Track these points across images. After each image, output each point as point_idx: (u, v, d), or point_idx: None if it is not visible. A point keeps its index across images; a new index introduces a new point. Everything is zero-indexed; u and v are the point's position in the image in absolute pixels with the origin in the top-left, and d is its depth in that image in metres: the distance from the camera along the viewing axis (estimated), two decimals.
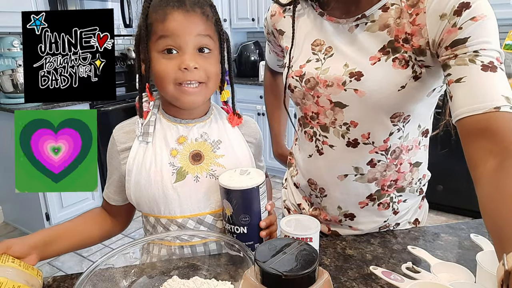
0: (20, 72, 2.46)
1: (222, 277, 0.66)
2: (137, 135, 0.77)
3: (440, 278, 0.64)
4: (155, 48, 0.72)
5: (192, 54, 0.71)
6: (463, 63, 0.61)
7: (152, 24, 0.72)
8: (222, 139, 0.80)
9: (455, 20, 0.62)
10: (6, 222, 2.89)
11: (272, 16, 0.89)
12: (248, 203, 0.69)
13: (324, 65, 0.76)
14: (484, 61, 0.59)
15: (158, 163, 0.75)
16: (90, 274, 0.57)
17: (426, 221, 0.93)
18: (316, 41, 0.79)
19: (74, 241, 0.79)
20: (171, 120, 0.79)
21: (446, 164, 2.69)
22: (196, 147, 0.78)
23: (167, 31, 0.70)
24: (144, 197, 0.76)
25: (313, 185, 0.86)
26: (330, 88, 0.75)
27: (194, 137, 0.78)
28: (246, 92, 3.49)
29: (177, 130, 0.78)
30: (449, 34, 0.63)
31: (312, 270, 0.37)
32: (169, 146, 0.77)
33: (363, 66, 0.71)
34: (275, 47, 0.98)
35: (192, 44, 0.71)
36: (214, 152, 0.78)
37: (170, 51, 0.71)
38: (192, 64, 0.70)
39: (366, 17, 0.72)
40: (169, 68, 0.71)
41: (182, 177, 0.75)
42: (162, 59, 0.72)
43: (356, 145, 0.77)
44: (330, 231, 0.89)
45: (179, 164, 0.76)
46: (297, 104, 0.84)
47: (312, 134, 0.82)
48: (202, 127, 0.79)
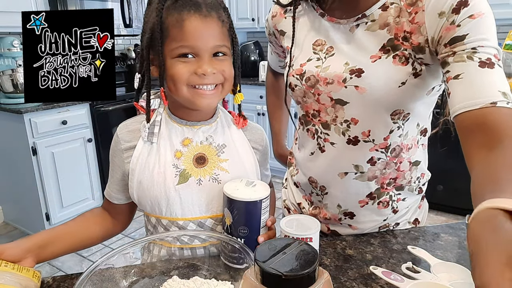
0: (20, 72, 2.46)
1: (222, 277, 0.66)
2: (143, 136, 0.76)
3: (440, 278, 0.64)
4: (170, 52, 0.71)
5: (208, 59, 0.71)
6: (461, 60, 0.62)
7: (168, 28, 0.70)
8: (227, 143, 0.79)
9: (453, 18, 0.63)
10: (6, 222, 2.89)
11: (273, 17, 0.90)
12: (249, 215, 0.68)
13: (324, 63, 0.77)
14: (481, 57, 0.60)
15: (161, 164, 0.75)
16: (90, 274, 0.57)
17: (426, 221, 0.93)
18: (318, 41, 0.79)
19: (73, 242, 0.78)
20: (177, 121, 0.78)
21: (446, 164, 2.70)
22: (200, 150, 0.77)
23: (185, 36, 0.69)
24: (146, 197, 0.76)
25: (314, 183, 0.86)
26: (330, 85, 0.75)
27: (199, 139, 0.78)
28: (246, 92, 3.47)
29: (183, 131, 0.78)
30: (448, 31, 0.64)
31: (312, 270, 0.37)
32: (173, 148, 0.76)
33: (363, 64, 0.72)
34: (277, 48, 0.99)
35: (209, 50, 0.71)
36: (218, 156, 0.78)
37: (186, 55, 0.70)
38: (210, 70, 0.70)
39: (366, 16, 0.73)
40: (184, 71, 0.70)
41: (185, 180, 0.75)
42: (177, 63, 0.70)
43: (357, 143, 0.77)
44: (329, 231, 0.89)
45: (183, 166, 0.76)
46: (298, 102, 0.85)
47: (314, 132, 0.83)
48: (207, 130, 0.79)
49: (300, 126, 0.87)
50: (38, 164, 2.46)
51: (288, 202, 0.99)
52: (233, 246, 0.65)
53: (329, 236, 0.90)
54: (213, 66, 0.71)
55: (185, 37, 0.69)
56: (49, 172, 2.52)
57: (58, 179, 2.58)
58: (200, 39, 0.69)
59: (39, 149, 2.44)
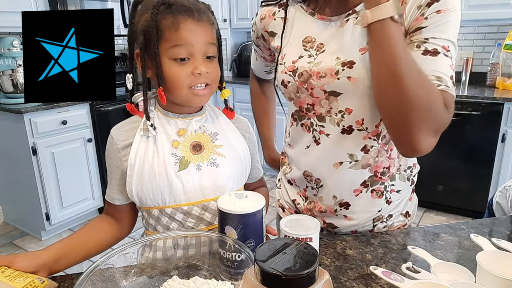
0: (20, 72, 2.45)
1: (222, 277, 0.66)
2: (141, 128, 0.79)
3: (440, 278, 0.64)
4: (167, 54, 0.75)
5: (202, 60, 0.76)
6: (411, 48, 0.69)
7: (163, 30, 0.73)
8: (219, 132, 0.85)
9: (424, 11, 0.68)
10: (6, 222, 2.89)
11: (262, 19, 0.92)
12: (254, 226, 0.68)
13: (316, 59, 0.79)
14: (428, 47, 0.68)
15: (160, 155, 0.78)
16: (90, 274, 0.57)
17: (426, 221, 0.93)
18: (307, 38, 0.82)
19: (85, 252, 0.79)
20: (170, 115, 0.82)
21: (446, 164, 2.70)
22: (195, 138, 0.82)
23: (181, 39, 0.73)
24: (148, 190, 0.78)
25: (309, 177, 0.87)
26: (323, 78, 0.77)
27: (194, 129, 0.82)
28: (246, 92, 3.47)
29: (176, 124, 0.82)
30: (416, 22, 0.69)
31: (312, 270, 0.37)
32: (170, 138, 0.80)
33: (354, 56, 0.75)
34: (264, 52, 1.01)
35: (202, 51, 0.76)
36: (213, 142, 0.83)
37: (182, 58, 0.75)
38: (204, 70, 0.75)
39: (356, 12, 0.76)
40: (183, 74, 0.75)
41: (184, 166, 0.78)
42: (174, 66, 0.75)
43: (351, 132, 0.79)
44: (325, 224, 0.90)
45: (181, 154, 0.79)
46: (291, 99, 0.86)
47: (309, 125, 0.84)
48: (200, 120, 0.84)
49: (293, 123, 0.88)
50: (38, 164, 2.46)
51: (282, 201, 1.00)
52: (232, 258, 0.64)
53: (328, 234, 0.90)
54: (206, 66, 0.76)
55: (182, 39, 0.74)
56: (49, 172, 2.52)
57: (58, 179, 2.58)
58: (195, 40, 0.74)
59: (39, 149, 2.44)
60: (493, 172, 2.57)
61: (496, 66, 2.82)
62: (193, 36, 0.74)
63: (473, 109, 2.54)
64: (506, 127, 2.48)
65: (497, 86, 2.79)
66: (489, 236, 0.81)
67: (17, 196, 2.69)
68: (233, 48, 3.90)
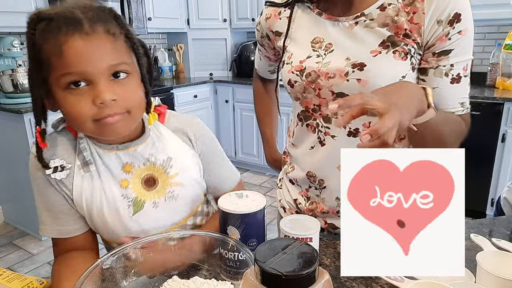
0: (20, 72, 2.45)
1: (222, 277, 0.66)
2: (79, 165, 0.67)
3: (440, 278, 0.64)
4: (58, 84, 0.59)
5: (106, 83, 0.59)
6: (440, 76, 0.74)
7: (49, 57, 0.58)
8: (171, 156, 0.72)
9: (448, 30, 0.71)
10: (6, 222, 2.89)
11: (267, 19, 0.90)
12: (257, 225, 0.68)
13: (325, 59, 0.78)
14: (453, 74, 0.73)
15: (110, 200, 0.69)
16: (90, 274, 0.57)
17: None
18: (316, 38, 0.80)
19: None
20: (106, 148, 0.69)
21: None
22: (146, 171, 0.71)
23: (67, 66, 0.57)
24: (101, 231, 0.72)
25: (312, 178, 0.87)
26: (332, 79, 0.77)
27: (141, 162, 0.71)
28: (246, 92, 3.49)
29: (118, 158, 0.69)
30: (441, 42, 0.72)
31: (312, 270, 0.37)
32: (116, 178, 0.70)
33: (365, 58, 0.74)
34: (268, 52, 0.99)
35: (104, 72, 0.59)
36: (167, 174, 0.72)
37: (76, 84, 0.58)
38: (108, 97, 0.58)
39: (365, 15, 0.75)
40: (81, 105, 0.59)
41: (139, 208, 0.71)
42: (69, 96, 0.59)
43: (357, 135, 0.79)
44: (326, 225, 0.89)
45: (134, 194, 0.70)
46: (297, 98, 0.85)
47: (315, 126, 0.84)
48: (145, 149, 0.71)
49: (299, 123, 0.88)
50: None
51: (284, 201, 0.99)
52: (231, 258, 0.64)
53: (329, 236, 0.90)
54: (113, 92, 0.59)
55: (67, 66, 0.57)
56: None
57: None
58: (86, 64, 0.57)
59: None
60: (493, 172, 2.57)
61: (496, 66, 2.81)
62: (84, 59, 0.57)
63: (473, 109, 2.53)
64: (506, 127, 2.48)
65: (497, 86, 2.79)
66: (489, 236, 0.81)
67: (17, 196, 2.69)
68: (233, 48, 3.90)
